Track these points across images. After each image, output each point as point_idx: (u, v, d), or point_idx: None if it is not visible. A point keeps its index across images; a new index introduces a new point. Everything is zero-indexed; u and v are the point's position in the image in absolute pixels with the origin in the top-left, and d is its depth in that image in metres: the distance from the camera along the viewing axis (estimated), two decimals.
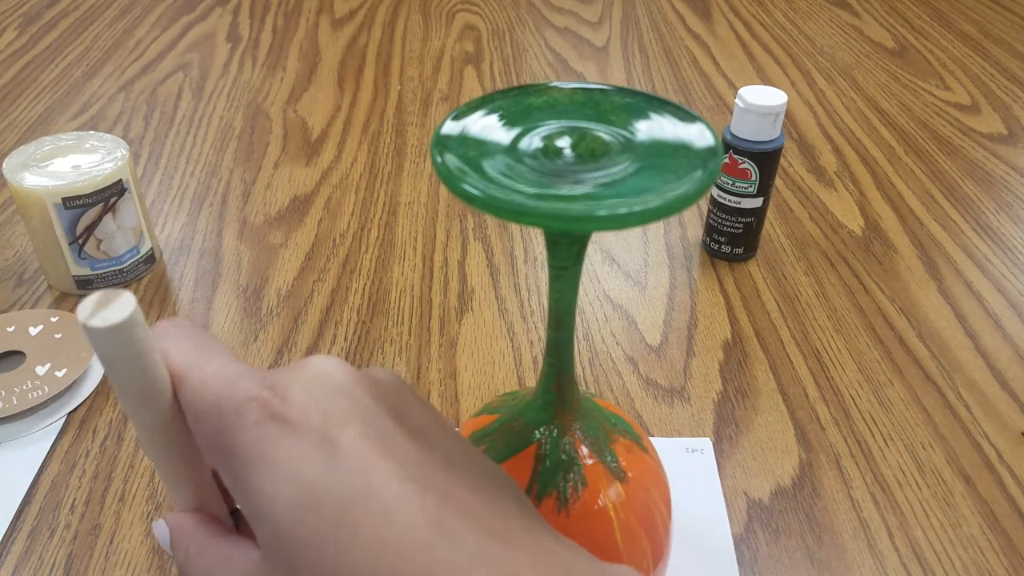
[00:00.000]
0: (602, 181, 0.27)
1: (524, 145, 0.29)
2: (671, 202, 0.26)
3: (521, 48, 1.06)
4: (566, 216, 0.26)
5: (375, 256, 0.68)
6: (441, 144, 0.29)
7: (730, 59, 1.04)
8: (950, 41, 1.11)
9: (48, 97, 0.93)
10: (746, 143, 0.62)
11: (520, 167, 0.28)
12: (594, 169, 0.28)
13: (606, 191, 0.27)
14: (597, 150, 0.29)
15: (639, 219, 0.26)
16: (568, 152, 0.29)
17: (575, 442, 0.36)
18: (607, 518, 0.35)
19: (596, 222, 0.26)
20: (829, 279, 0.66)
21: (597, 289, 0.65)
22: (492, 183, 0.27)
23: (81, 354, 0.55)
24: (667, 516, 0.38)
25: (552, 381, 0.35)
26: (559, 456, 0.35)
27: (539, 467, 0.35)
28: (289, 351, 0.58)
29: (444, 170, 0.28)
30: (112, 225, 0.61)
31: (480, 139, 0.30)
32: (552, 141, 0.30)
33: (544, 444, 0.36)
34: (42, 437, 0.52)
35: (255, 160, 0.81)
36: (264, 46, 1.06)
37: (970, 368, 0.58)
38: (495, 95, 0.33)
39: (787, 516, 0.47)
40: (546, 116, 0.31)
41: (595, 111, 0.31)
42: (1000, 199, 0.77)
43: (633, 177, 0.28)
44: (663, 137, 0.30)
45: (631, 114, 0.31)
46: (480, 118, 0.31)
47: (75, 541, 0.46)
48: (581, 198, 0.26)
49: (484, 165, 0.28)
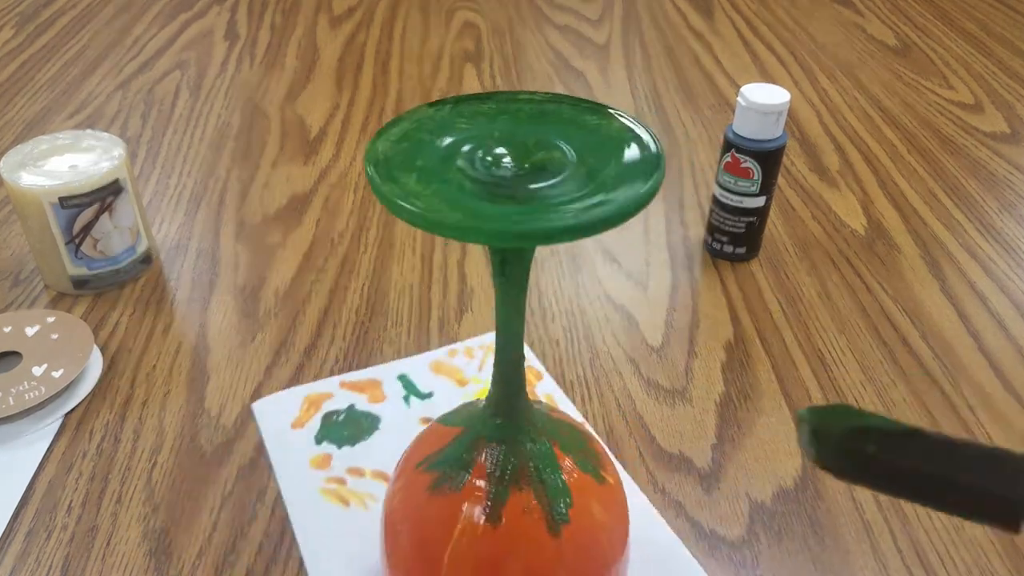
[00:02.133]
0: (546, 193, 0.26)
1: (465, 159, 0.28)
2: (614, 213, 0.25)
3: (521, 46, 1.06)
4: (510, 233, 0.25)
5: (374, 256, 0.68)
6: (376, 158, 0.28)
7: (732, 57, 1.04)
8: (953, 40, 1.10)
9: (45, 96, 0.92)
10: (748, 142, 0.62)
11: (461, 181, 0.27)
12: (538, 181, 0.27)
13: (550, 204, 0.26)
14: (541, 162, 0.28)
15: (583, 231, 0.25)
16: (510, 164, 0.28)
17: (520, 463, 0.35)
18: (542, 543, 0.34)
19: (540, 237, 0.25)
20: (832, 279, 0.66)
21: (598, 290, 0.64)
22: (432, 198, 0.26)
23: (78, 355, 0.55)
24: (617, 547, 0.36)
25: (503, 398, 0.35)
26: (504, 476, 0.34)
27: (489, 483, 0.35)
28: (287, 352, 0.58)
29: (378, 187, 0.27)
30: (109, 225, 0.61)
31: (418, 151, 0.29)
32: (492, 151, 0.29)
33: (494, 461, 0.35)
34: (39, 438, 0.51)
35: (253, 159, 0.81)
36: (262, 44, 1.05)
37: (973, 368, 0.57)
38: (432, 105, 0.31)
39: (789, 518, 0.47)
40: (485, 128, 0.30)
41: (539, 122, 0.30)
42: (1003, 198, 0.77)
43: (577, 188, 0.27)
44: (607, 148, 0.29)
45: (575, 125, 0.30)
46: (419, 128, 0.30)
47: (72, 543, 0.45)
48: (525, 212, 0.25)
49: (423, 180, 0.27)
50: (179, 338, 0.59)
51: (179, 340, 0.59)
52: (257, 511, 0.47)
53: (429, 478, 0.35)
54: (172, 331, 0.60)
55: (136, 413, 0.53)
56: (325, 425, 0.52)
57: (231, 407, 0.54)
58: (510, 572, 0.34)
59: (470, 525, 0.34)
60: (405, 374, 0.56)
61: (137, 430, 0.52)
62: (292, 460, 0.50)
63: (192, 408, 0.54)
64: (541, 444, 0.35)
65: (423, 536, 0.35)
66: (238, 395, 0.55)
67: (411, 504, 0.36)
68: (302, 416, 0.52)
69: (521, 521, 0.34)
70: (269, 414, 0.53)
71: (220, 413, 0.53)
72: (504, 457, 0.34)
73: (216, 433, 0.52)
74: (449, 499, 0.34)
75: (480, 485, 0.34)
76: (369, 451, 0.50)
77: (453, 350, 0.58)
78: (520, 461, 0.34)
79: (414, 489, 0.36)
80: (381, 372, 0.56)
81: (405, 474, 0.37)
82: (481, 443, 0.35)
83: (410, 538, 0.36)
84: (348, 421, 0.52)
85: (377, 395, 0.54)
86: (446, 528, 0.34)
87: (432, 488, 0.35)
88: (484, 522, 0.34)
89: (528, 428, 0.35)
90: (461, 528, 0.34)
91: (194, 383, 0.55)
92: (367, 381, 0.55)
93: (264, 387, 0.55)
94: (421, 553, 0.35)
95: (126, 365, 0.57)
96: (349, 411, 0.53)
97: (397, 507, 0.37)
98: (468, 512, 0.34)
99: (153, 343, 0.59)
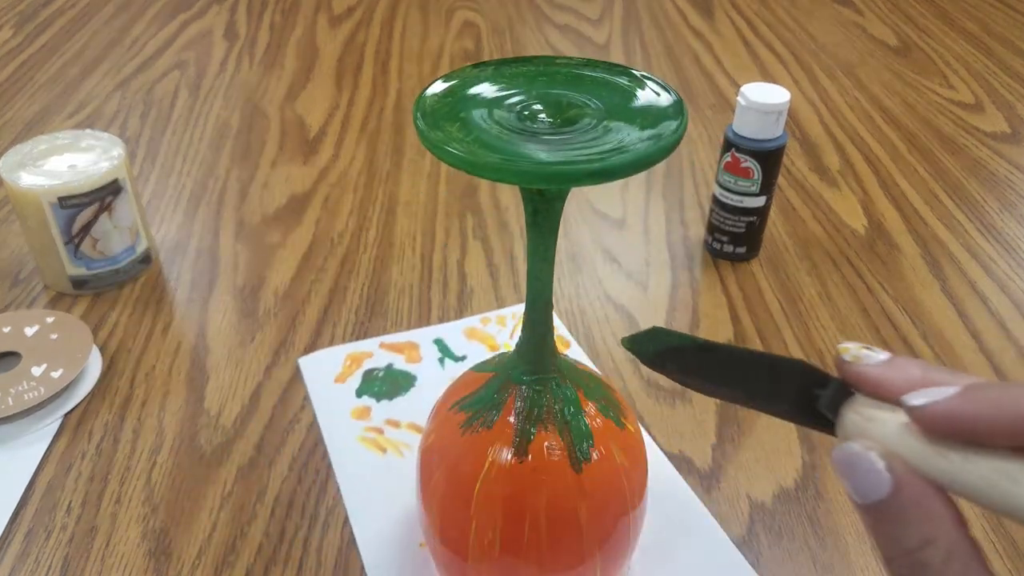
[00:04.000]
0: (575, 142, 0.30)
1: (503, 111, 0.32)
2: (633, 160, 0.28)
3: (521, 45, 1.06)
4: (541, 174, 0.28)
5: (373, 256, 0.68)
6: (423, 109, 0.31)
7: (732, 56, 1.04)
8: (953, 39, 1.10)
9: (44, 96, 0.92)
10: (749, 141, 0.61)
11: (499, 131, 0.30)
12: (568, 132, 0.30)
13: (578, 151, 0.29)
14: (572, 116, 0.31)
15: (606, 175, 0.28)
16: (544, 118, 0.31)
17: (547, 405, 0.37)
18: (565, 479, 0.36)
19: (567, 178, 0.28)
20: (832, 279, 0.66)
21: (598, 289, 0.64)
22: (472, 144, 0.29)
23: (77, 355, 0.55)
24: (636, 491, 0.38)
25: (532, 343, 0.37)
26: (531, 416, 0.37)
27: (517, 422, 0.37)
28: (287, 352, 0.58)
29: (426, 134, 0.30)
30: (108, 225, 0.61)
31: (461, 105, 0.32)
32: (529, 107, 0.32)
33: (522, 402, 0.37)
34: (38, 439, 0.51)
35: (252, 159, 0.81)
36: (262, 44, 1.05)
37: (974, 369, 0.57)
38: (476, 66, 0.35)
39: (790, 518, 0.47)
40: (523, 86, 0.33)
41: (573, 83, 0.34)
42: (1004, 198, 0.77)
43: (604, 139, 0.30)
44: (634, 105, 0.32)
45: (606, 86, 0.33)
46: (463, 86, 0.33)
47: (71, 543, 0.45)
48: (555, 157, 0.28)
49: (464, 129, 0.30)
50: (178, 338, 0.59)
51: (178, 340, 0.59)
52: (257, 511, 0.47)
53: (462, 417, 0.38)
54: (171, 331, 0.60)
55: (135, 413, 0.53)
56: (365, 381, 0.55)
57: (231, 407, 0.54)
58: (535, 505, 0.36)
59: (499, 460, 0.36)
60: (441, 338, 0.59)
61: (136, 430, 0.52)
62: (334, 410, 0.53)
63: (192, 408, 0.54)
64: (566, 388, 0.37)
65: (455, 471, 0.37)
66: (237, 395, 0.55)
67: (445, 442, 0.38)
68: (344, 372, 0.56)
69: (546, 457, 0.36)
70: (314, 369, 0.56)
71: (220, 413, 0.53)
72: (532, 398, 0.37)
73: (216, 433, 0.52)
74: (480, 436, 0.37)
75: (510, 422, 0.36)
76: (405, 406, 0.54)
77: (486, 318, 0.61)
78: (547, 403, 0.36)
79: (448, 428, 0.38)
80: (418, 336, 0.59)
81: (440, 415, 0.39)
82: (510, 386, 0.37)
83: (444, 473, 0.38)
84: (387, 378, 0.56)
85: (414, 356, 0.57)
86: (477, 463, 0.36)
87: (464, 426, 0.37)
88: (512, 457, 0.36)
89: (554, 373, 0.37)
90: (491, 462, 0.36)
91: (193, 383, 0.55)
92: (405, 343, 0.58)
93: (264, 387, 0.55)
94: (453, 487, 0.37)
95: (125, 365, 0.57)
96: (388, 369, 0.56)
97: (432, 445, 0.39)
98: (497, 448, 0.36)
99: (152, 343, 0.59)
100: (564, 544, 0.37)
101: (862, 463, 0.23)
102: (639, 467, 0.39)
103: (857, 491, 0.23)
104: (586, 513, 0.36)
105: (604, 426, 0.38)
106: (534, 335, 0.37)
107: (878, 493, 0.23)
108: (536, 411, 0.36)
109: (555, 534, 0.36)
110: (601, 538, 0.38)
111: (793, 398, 0.27)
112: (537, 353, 0.37)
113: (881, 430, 0.24)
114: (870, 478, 0.23)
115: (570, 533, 0.37)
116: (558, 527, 0.36)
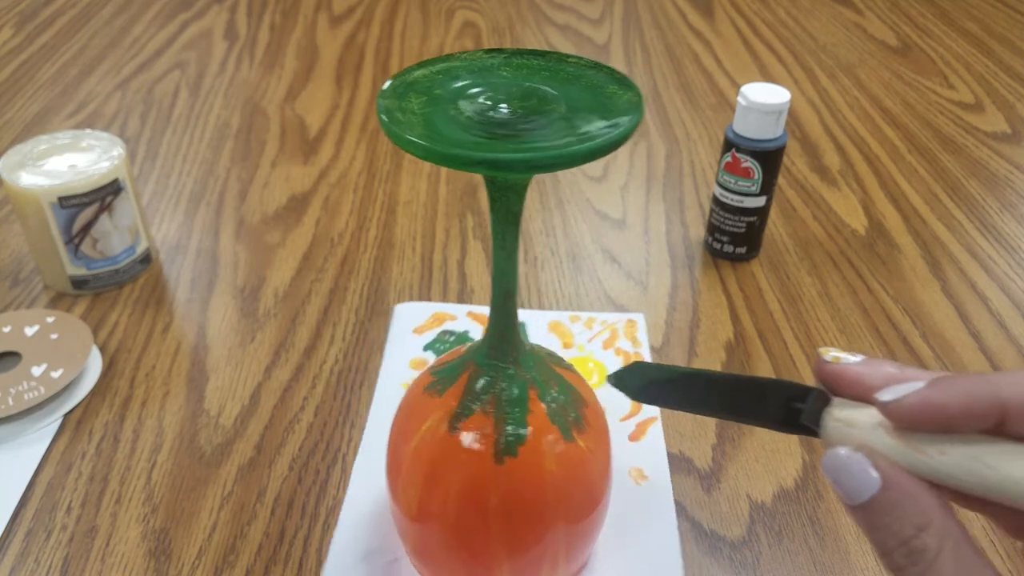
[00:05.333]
0: (532, 133, 0.30)
1: (467, 102, 0.32)
2: (585, 151, 0.29)
3: (521, 46, 1.06)
4: (506, 162, 0.28)
5: (373, 256, 0.68)
6: (387, 99, 0.32)
7: (732, 57, 1.04)
8: (954, 39, 1.10)
9: (44, 95, 0.92)
10: (749, 141, 0.61)
11: (464, 121, 0.31)
12: (528, 123, 0.31)
13: (534, 140, 0.29)
14: (533, 108, 0.32)
15: (554, 164, 0.28)
16: (506, 109, 0.32)
17: (494, 392, 0.38)
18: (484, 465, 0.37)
19: (534, 165, 0.28)
20: (832, 279, 0.66)
21: (598, 290, 0.64)
22: (436, 136, 0.29)
23: (77, 355, 0.55)
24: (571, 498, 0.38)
25: (492, 331, 0.38)
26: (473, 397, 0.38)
27: (462, 397, 0.38)
28: (287, 352, 0.58)
29: (389, 124, 0.30)
30: (108, 224, 0.61)
31: (425, 96, 0.32)
32: (493, 99, 0.32)
33: (473, 380, 0.38)
34: (38, 439, 0.51)
35: (252, 159, 0.81)
36: (262, 44, 1.05)
37: (974, 368, 0.57)
38: (437, 60, 0.35)
39: (790, 518, 0.47)
40: (490, 78, 0.34)
41: (532, 73, 0.34)
42: (1004, 198, 0.77)
43: (561, 129, 0.30)
44: (595, 98, 0.32)
45: (571, 78, 0.34)
46: (424, 78, 0.34)
47: (71, 543, 0.45)
48: (512, 146, 0.29)
49: (429, 120, 0.31)
50: (178, 338, 0.59)
51: (178, 340, 0.59)
52: (257, 511, 0.47)
53: (429, 380, 0.40)
54: (171, 331, 0.60)
55: (135, 413, 0.53)
56: (438, 339, 0.58)
57: (231, 407, 0.54)
58: (453, 481, 0.37)
59: (434, 427, 0.38)
60: (524, 323, 0.60)
61: (136, 430, 0.52)
62: (398, 355, 0.57)
63: (192, 408, 0.54)
64: (517, 382, 0.38)
65: (405, 427, 0.40)
66: (237, 395, 0.55)
67: (409, 398, 0.41)
68: (424, 325, 0.59)
69: (472, 439, 0.37)
70: (403, 316, 0.60)
71: (220, 413, 0.53)
72: (483, 381, 0.38)
73: (216, 433, 0.52)
74: (430, 401, 0.39)
75: (455, 397, 0.38)
76: None
77: (575, 316, 0.61)
78: (495, 390, 0.38)
79: (417, 386, 0.41)
80: None
81: (422, 375, 0.41)
82: (470, 364, 0.39)
83: (397, 427, 0.40)
84: (456, 342, 0.58)
85: None
86: (418, 423, 0.39)
87: (425, 389, 0.40)
88: (444, 428, 0.37)
89: (511, 364, 0.38)
90: (427, 427, 0.38)
91: (193, 383, 0.55)
92: None
93: (264, 387, 0.55)
94: (398, 441, 0.40)
95: (125, 365, 0.57)
96: (461, 335, 0.59)
97: (404, 398, 0.41)
98: (437, 416, 0.38)
99: (152, 343, 0.59)
100: (471, 531, 0.38)
101: (850, 466, 0.24)
102: (577, 482, 0.38)
103: (848, 493, 0.24)
104: (497, 508, 0.37)
105: (543, 431, 0.37)
106: (496, 323, 0.38)
107: (869, 491, 0.24)
108: (483, 395, 0.37)
109: (464, 517, 0.38)
110: (510, 540, 0.38)
111: (777, 415, 0.28)
112: (498, 340, 0.38)
113: (861, 433, 0.25)
114: (859, 479, 0.24)
115: (478, 521, 0.37)
116: (468, 511, 0.37)
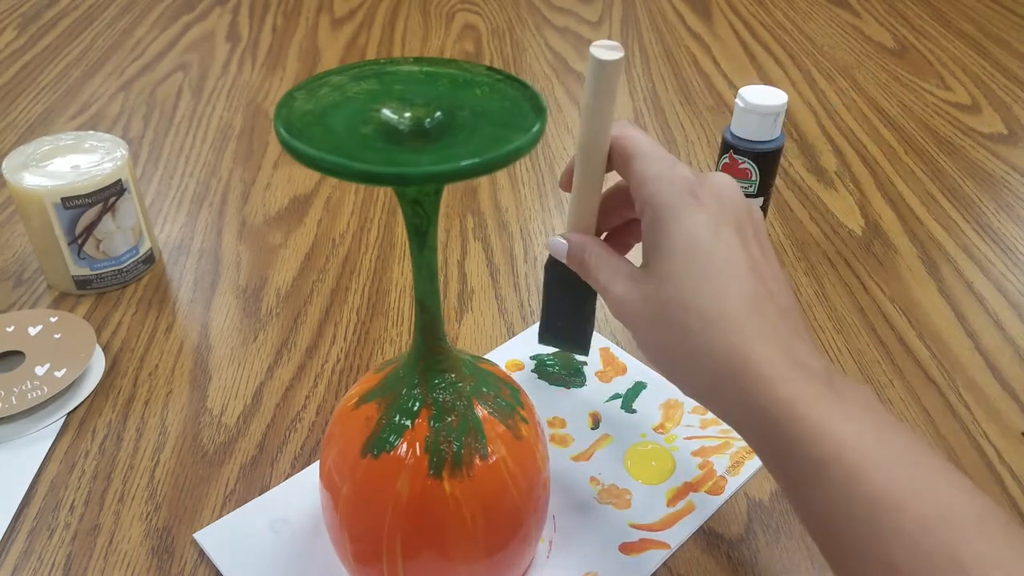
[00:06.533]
0: (443, 142, 0.30)
1: (368, 116, 0.31)
2: (480, 164, 0.29)
3: (521, 48, 1.06)
4: (413, 175, 0.28)
5: (375, 256, 0.68)
6: (285, 114, 0.31)
7: (730, 59, 1.04)
8: (950, 41, 1.11)
9: (47, 97, 0.93)
10: (746, 143, 0.62)
11: (364, 134, 0.30)
12: (432, 136, 0.31)
13: (448, 150, 0.29)
14: (437, 118, 0.32)
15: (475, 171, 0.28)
16: (410, 120, 0.31)
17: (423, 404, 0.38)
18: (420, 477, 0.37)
19: (442, 176, 0.28)
20: (829, 279, 0.66)
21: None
22: (335, 149, 0.29)
23: (80, 354, 0.55)
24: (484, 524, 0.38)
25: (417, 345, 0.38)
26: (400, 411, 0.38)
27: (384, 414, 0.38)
28: (289, 351, 0.58)
29: (288, 140, 0.29)
30: (111, 225, 0.61)
31: (326, 111, 0.32)
32: (396, 111, 0.32)
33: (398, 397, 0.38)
34: (41, 437, 0.52)
35: (255, 160, 0.81)
36: (264, 46, 1.06)
37: (970, 368, 0.58)
38: (335, 71, 0.34)
39: (787, 516, 0.47)
40: (389, 90, 0.33)
41: (436, 84, 0.34)
42: (1000, 199, 0.77)
43: (462, 142, 0.30)
44: (500, 110, 0.32)
45: (470, 86, 0.34)
46: (324, 92, 0.33)
47: (74, 541, 0.46)
48: (427, 157, 0.29)
49: (330, 135, 0.30)
50: (181, 338, 0.60)
51: (181, 340, 0.59)
52: None
53: (363, 392, 0.40)
54: (174, 331, 0.60)
55: (138, 412, 0.54)
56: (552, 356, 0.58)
57: (233, 406, 0.54)
58: (386, 495, 0.37)
59: (363, 448, 0.38)
60: (643, 382, 0.56)
61: (139, 429, 0.52)
62: (505, 353, 0.58)
63: (194, 407, 0.54)
64: (449, 391, 0.38)
65: (337, 444, 0.39)
66: (240, 394, 0.55)
67: (342, 408, 0.40)
68: None
69: (405, 452, 0.37)
70: None
71: (222, 412, 0.54)
72: (406, 395, 0.38)
73: (218, 432, 0.52)
74: (356, 415, 0.39)
75: (378, 411, 0.38)
76: (541, 391, 0.55)
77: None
78: (425, 401, 0.38)
79: (350, 398, 0.40)
80: (635, 367, 0.57)
81: (361, 384, 0.41)
82: (399, 378, 0.39)
83: (327, 439, 0.40)
84: (567, 363, 0.57)
85: (618, 368, 0.57)
86: (347, 441, 0.38)
87: (357, 402, 0.39)
88: (372, 446, 0.37)
89: (436, 378, 0.38)
90: (356, 442, 0.38)
91: (196, 382, 0.56)
92: (620, 362, 0.58)
93: (266, 386, 0.56)
94: (330, 455, 0.39)
95: (128, 364, 0.57)
96: (572, 359, 0.58)
97: (333, 414, 0.41)
98: (366, 435, 0.38)
99: (155, 343, 0.59)
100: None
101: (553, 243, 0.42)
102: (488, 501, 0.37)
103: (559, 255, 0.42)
104: (441, 523, 0.37)
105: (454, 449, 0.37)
106: (420, 339, 0.38)
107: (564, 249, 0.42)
108: (408, 407, 0.38)
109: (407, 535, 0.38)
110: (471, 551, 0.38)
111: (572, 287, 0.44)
112: (423, 355, 0.38)
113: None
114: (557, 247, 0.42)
115: (424, 539, 0.38)
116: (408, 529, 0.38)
